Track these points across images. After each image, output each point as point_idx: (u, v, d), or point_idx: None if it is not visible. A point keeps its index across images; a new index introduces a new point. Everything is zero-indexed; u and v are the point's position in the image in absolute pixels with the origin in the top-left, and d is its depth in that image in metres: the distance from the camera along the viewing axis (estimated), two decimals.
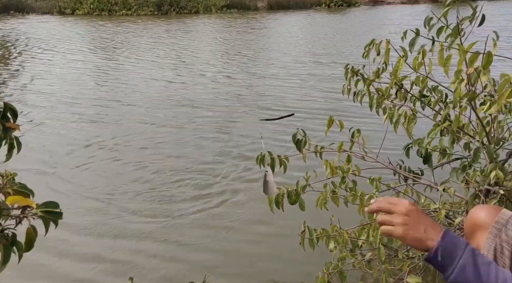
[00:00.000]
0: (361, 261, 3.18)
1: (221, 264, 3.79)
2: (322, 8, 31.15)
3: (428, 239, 1.50)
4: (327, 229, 3.10)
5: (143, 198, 4.96)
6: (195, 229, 4.32)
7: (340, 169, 3.17)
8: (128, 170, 5.77)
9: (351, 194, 3.11)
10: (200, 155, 6.15)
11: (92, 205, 4.75)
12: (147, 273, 3.64)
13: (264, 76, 11.06)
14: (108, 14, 28.17)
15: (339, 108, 7.98)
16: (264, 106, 8.45)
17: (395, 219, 1.54)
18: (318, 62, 12.54)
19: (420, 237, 1.51)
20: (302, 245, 3.08)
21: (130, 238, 4.22)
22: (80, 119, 7.93)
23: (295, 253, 3.57)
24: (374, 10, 29.17)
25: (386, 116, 3.11)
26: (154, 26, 22.22)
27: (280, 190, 3.18)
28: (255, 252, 3.96)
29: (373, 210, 1.61)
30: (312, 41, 16.69)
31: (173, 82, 10.58)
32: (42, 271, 3.72)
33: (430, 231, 1.51)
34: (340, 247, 3.07)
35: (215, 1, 30.11)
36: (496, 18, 20.01)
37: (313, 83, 10.15)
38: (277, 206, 3.14)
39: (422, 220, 1.54)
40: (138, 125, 7.53)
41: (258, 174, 5.23)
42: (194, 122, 7.64)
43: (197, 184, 5.28)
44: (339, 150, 3.23)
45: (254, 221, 4.41)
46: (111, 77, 11.32)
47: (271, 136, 6.69)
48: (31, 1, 30.56)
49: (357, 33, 18.47)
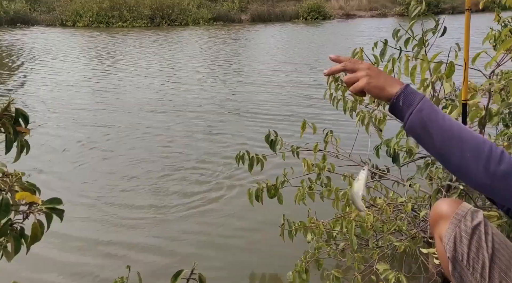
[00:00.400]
0: (335, 250, 3.20)
1: (207, 257, 3.78)
2: (299, 21, 31.25)
3: (390, 85, 1.49)
4: (305, 222, 3.12)
5: (135, 195, 4.93)
6: (184, 224, 4.30)
7: (316, 166, 3.20)
8: (119, 168, 5.72)
9: (326, 189, 3.15)
10: (188, 155, 6.13)
11: (85, 200, 4.70)
12: (139, 264, 3.63)
13: (246, 82, 11.03)
14: (105, 26, 28.16)
15: (314, 112, 8.01)
16: (246, 110, 8.44)
17: (359, 73, 1.52)
18: (294, 70, 12.54)
19: (382, 84, 1.50)
20: (282, 236, 3.11)
21: (122, 232, 4.20)
22: (75, 122, 7.84)
23: (276, 244, 3.59)
24: (346, 23, 29.31)
25: (358, 119, 3.15)
26: (146, 37, 22.08)
27: (259, 184, 3.20)
28: (238, 244, 3.95)
29: (338, 70, 1.58)
30: (290, 50, 16.70)
31: (162, 89, 10.50)
32: (41, 263, 3.68)
33: (391, 80, 1.51)
34: (317, 238, 3.10)
35: (203, 14, 30.21)
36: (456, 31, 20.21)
37: (290, 89, 10.14)
38: (257, 199, 3.17)
39: (382, 73, 1.54)
40: (130, 127, 7.47)
41: (241, 173, 5.25)
42: (182, 123, 7.62)
43: (186, 182, 5.25)
44: (315, 150, 3.26)
45: (238, 215, 4.40)
46: (105, 83, 11.18)
47: (253, 136, 6.72)
48: (36, 14, 30.59)
49: (331, 44, 18.55)
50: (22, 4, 30.31)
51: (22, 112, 1.45)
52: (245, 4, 33.15)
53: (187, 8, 30.24)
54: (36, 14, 30.52)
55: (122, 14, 28.81)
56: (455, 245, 1.79)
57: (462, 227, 1.79)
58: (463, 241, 1.78)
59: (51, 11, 30.67)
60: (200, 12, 30.44)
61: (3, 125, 1.42)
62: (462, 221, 1.80)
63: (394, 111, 1.50)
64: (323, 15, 32.22)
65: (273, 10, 32.38)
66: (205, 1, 32.35)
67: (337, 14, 33.57)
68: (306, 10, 32.15)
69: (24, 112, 1.46)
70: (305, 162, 3.19)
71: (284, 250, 3.57)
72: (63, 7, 29.82)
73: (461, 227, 1.79)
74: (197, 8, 30.90)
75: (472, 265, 1.77)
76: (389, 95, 1.48)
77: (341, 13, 33.92)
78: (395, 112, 1.49)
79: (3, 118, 1.42)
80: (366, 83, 1.50)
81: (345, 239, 3.17)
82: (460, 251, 1.78)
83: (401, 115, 1.47)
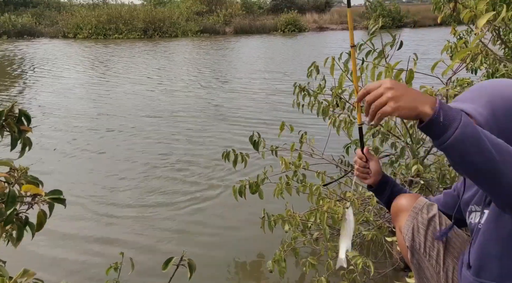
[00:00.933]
0: (310, 239, 3.19)
1: (194, 247, 3.74)
2: (277, 33, 31.36)
3: (421, 103, 1.22)
4: (283, 214, 3.09)
5: (121, 194, 4.82)
6: (169, 222, 4.22)
7: (293, 164, 3.18)
8: (107, 168, 5.59)
9: (301, 184, 3.13)
10: (174, 156, 6.03)
11: (73, 199, 4.62)
12: (132, 255, 3.57)
13: (227, 89, 10.93)
14: (103, 38, 28.16)
15: (291, 116, 7.96)
16: (228, 114, 8.33)
17: (384, 96, 1.25)
18: (271, 77, 12.51)
19: (414, 104, 1.22)
20: (263, 228, 3.08)
21: (109, 230, 4.09)
22: (69, 124, 7.70)
23: (256, 235, 3.56)
24: (319, 35, 29.44)
25: (330, 122, 3.14)
26: (137, 47, 21.98)
27: (242, 182, 3.18)
28: (220, 237, 3.89)
29: (361, 97, 1.32)
30: (268, 59, 16.69)
31: (151, 94, 10.36)
32: (36, 257, 3.57)
33: (420, 96, 1.24)
34: (293, 228, 3.08)
35: (191, 27, 30.32)
36: (414, 42, 20.40)
37: (266, 96, 10.01)
38: (240, 195, 3.14)
39: (409, 88, 1.26)
40: (119, 130, 7.33)
41: (225, 173, 5.20)
42: (168, 127, 7.50)
43: (171, 182, 5.15)
44: (292, 149, 3.24)
45: (220, 212, 4.30)
46: (97, 90, 10.98)
47: (236, 139, 6.67)
48: (41, 27, 30.61)
49: (304, 53, 18.58)
50: (28, 18, 30.25)
51: (24, 112, 1.46)
52: (229, 18, 33.17)
53: (177, 22, 30.30)
54: (41, 27, 30.58)
55: (118, 27, 28.87)
56: (413, 235, 1.80)
57: (419, 219, 1.81)
58: (420, 232, 1.80)
59: (54, 25, 30.54)
60: (188, 25, 30.51)
61: (8, 125, 1.44)
62: (419, 213, 1.81)
63: (430, 128, 1.22)
64: (299, 28, 32.40)
65: (254, 23, 32.45)
66: (193, 15, 32.40)
67: (311, 27, 33.74)
68: (284, 23, 32.30)
69: (26, 113, 1.47)
70: (283, 160, 3.17)
71: (264, 242, 3.54)
72: (65, 20, 29.78)
73: (418, 219, 1.81)
74: (186, 22, 30.96)
75: (428, 253, 1.79)
76: (424, 114, 1.22)
77: (315, 26, 34.10)
78: (432, 129, 1.22)
79: (8, 118, 1.44)
80: (394, 108, 1.23)
81: (319, 229, 3.15)
82: (417, 241, 1.80)
83: (440, 132, 1.21)
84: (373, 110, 1.27)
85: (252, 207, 3.92)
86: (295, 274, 3.19)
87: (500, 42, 3.40)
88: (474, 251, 1.58)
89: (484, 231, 1.53)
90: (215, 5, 34.21)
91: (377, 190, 1.98)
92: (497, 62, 3.39)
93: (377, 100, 1.26)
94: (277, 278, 3.06)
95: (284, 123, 3.32)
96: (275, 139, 3.50)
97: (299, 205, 3.26)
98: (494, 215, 1.49)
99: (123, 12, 29.54)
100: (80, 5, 35.23)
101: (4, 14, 29.27)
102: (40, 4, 34.82)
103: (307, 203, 3.18)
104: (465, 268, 1.62)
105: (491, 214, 1.51)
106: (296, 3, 38.43)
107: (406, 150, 3.01)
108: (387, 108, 1.24)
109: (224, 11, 33.23)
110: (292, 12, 33.65)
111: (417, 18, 34.30)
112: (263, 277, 3.22)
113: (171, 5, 36.52)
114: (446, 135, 1.20)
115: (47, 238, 3.80)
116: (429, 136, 1.26)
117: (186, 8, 33.54)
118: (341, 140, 3.50)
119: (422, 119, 1.23)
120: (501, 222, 1.46)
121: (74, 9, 33.32)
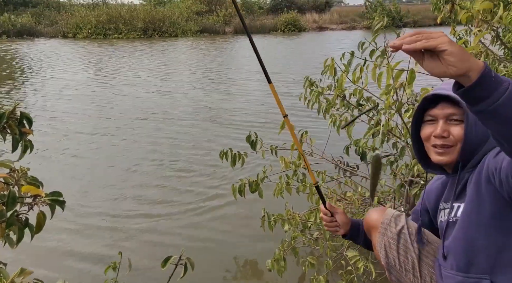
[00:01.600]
0: (310, 239, 3.19)
1: (196, 246, 3.74)
2: (278, 33, 31.33)
3: (472, 57, 1.08)
4: (282, 214, 3.10)
5: (126, 193, 4.87)
6: (171, 221, 4.26)
7: (293, 164, 3.18)
8: (110, 168, 5.66)
9: (301, 184, 3.13)
10: (178, 156, 6.07)
11: (70, 196, 4.67)
12: (132, 255, 3.58)
13: (225, 90, 10.94)
14: (103, 38, 28.02)
15: (290, 113, 7.93)
16: (225, 115, 8.38)
17: (434, 34, 1.07)
18: (275, 79, 12.46)
19: (466, 54, 1.07)
20: (263, 227, 3.08)
21: (108, 231, 4.13)
22: (53, 128, 7.65)
23: (256, 234, 3.57)
24: (320, 35, 29.45)
25: (331, 121, 3.14)
26: (137, 47, 22.01)
27: (242, 180, 3.17)
28: (223, 235, 3.91)
29: (412, 34, 1.10)
30: (268, 59, 16.68)
31: (145, 95, 10.35)
32: (36, 256, 3.59)
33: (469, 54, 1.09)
34: (293, 228, 3.08)
35: (190, 27, 30.25)
36: None
37: (264, 97, 9.97)
38: (240, 194, 3.14)
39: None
40: (112, 132, 7.32)
41: (226, 172, 5.20)
42: (163, 129, 7.50)
43: (175, 181, 5.20)
44: (292, 148, 3.24)
45: (220, 213, 4.33)
46: (98, 90, 11.05)
47: (233, 139, 6.68)
48: (40, 27, 30.49)
49: (306, 53, 18.58)
50: (28, 18, 30.15)
51: (26, 115, 1.46)
52: (228, 17, 33.14)
53: (177, 21, 30.25)
54: (41, 27, 30.48)
55: (118, 26, 28.78)
56: (386, 252, 1.76)
57: (389, 234, 1.76)
58: (392, 247, 1.76)
59: (54, 24, 30.47)
60: (188, 25, 30.46)
61: (10, 127, 1.43)
62: (387, 228, 1.77)
63: (482, 83, 1.08)
64: (298, 28, 32.38)
65: (254, 23, 32.42)
66: (192, 15, 32.35)
67: (311, 27, 33.71)
68: (284, 23, 32.27)
69: (28, 115, 1.46)
70: (283, 159, 3.17)
71: (264, 241, 3.56)
72: (65, 20, 29.70)
73: (388, 235, 1.76)
74: (186, 21, 30.91)
75: (404, 267, 1.75)
76: (476, 62, 1.07)
77: (315, 26, 34.08)
78: (483, 85, 1.08)
79: (10, 121, 1.43)
80: (449, 40, 1.06)
81: (318, 229, 3.15)
82: (391, 257, 1.76)
83: (493, 87, 1.08)
84: (423, 36, 1.08)
85: (252, 205, 3.93)
86: (293, 273, 3.20)
87: (499, 43, 3.40)
88: (455, 246, 1.53)
89: (464, 224, 1.50)
90: (214, 5, 34.18)
91: (352, 237, 2.00)
92: (496, 62, 3.39)
93: (428, 33, 1.08)
94: (276, 277, 3.07)
95: (284, 121, 3.31)
96: (273, 141, 3.49)
97: (299, 205, 3.26)
98: (472, 205, 1.47)
99: (122, 12, 29.49)
100: (79, 5, 35.18)
101: (3, 14, 29.19)
102: (39, 4, 34.77)
103: (307, 202, 3.18)
104: (447, 269, 1.57)
105: (469, 205, 1.48)
106: (296, 3, 38.41)
107: (407, 149, 3.01)
108: (443, 40, 1.06)
109: (224, 11, 33.21)
110: (292, 12, 33.64)
111: (417, 18, 34.30)
112: (262, 276, 3.23)
113: (171, 5, 36.51)
114: (500, 90, 1.07)
115: (47, 238, 3.81)
116: (476, 97, 1.10)
117: (186, 8, 33.51)
118: (342, 139, 3.50)
119: (470, 76, 1.08)
120: (481, 211, 1.44)
121: (73, 9, 33.27)
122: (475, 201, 1.46)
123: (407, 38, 1.09)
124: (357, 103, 3.12)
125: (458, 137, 1.53)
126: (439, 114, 1.57)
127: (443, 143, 1.55)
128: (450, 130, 1.55)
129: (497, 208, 1.41)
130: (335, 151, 3.58)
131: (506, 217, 1.41)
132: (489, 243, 1.44)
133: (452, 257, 1.55)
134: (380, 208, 1.90)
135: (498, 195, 1.39)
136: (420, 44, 1.07)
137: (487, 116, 1.12)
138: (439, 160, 1.58)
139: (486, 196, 1.43)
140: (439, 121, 1.57)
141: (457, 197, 1.57)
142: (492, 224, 1.43)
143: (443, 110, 1.56)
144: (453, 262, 1.54)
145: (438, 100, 1.57)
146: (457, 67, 1.06)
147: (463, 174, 1.57)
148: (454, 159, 1.56)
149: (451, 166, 1.60)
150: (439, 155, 1.57)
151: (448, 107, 1.55)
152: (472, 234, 1.47)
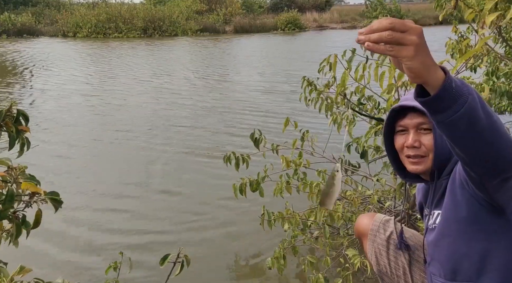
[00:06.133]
0: (310, 238, 3.18)
1: (196, 244, 3.73)
2: (278, 32, 31.32)
3: (435, 65, 1.06)
4: (282, 212, 3.09)
5: (126, 194, 4.86)
6: (170, 221, 4.25)
7: (293, 162, 3.17)
8: (110, 167, 5.65)
9: (302, 183, 3.13)
10: (177, 156, 6.04)
11: (66, 195, 4.63)
12: (132, 255, 3.56)
13: (223, 89, 10.94)
14: (103, 37, 28.01)
15: (292, 113, 7.94)
16: (227, 113, 8.37)
17: (408, 36, 1.00)
18: (272, 76, 12.50)
19: (430, 62, 1.04)
20: (262, 225, 3.07)
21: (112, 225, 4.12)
22: (64, 125, 7.68)
23: (257, 233, 3.56)
24: (320, 34, 29.42)
25: (331, 120, 3.12)
26: (137, 46, 22.03)
27: (243, 179, 3.16)
28: (223, 233, 3.89)
29: (386, 27, 1.01)
30: (269, 58, 16.69)
31: (151, 95, 10.37)
32: (36, 257, 3.55)
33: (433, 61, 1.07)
34: (293, 227, 3.07)
35: (191, 26, 30.27)
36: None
37: (267, 95, 10.02)
38: (241, 193, 3.13)
39: (428, 49, 1.06)
40: (108, 134, 7.28)
41: (226, 171, 5.18)
42: (160, 130, 7.50)
43: (174, 180, 5.19)
44: (293, 146, 3.23)
45: (222, 208, 4.34)
46: (96, 89, 11.03)
47: (235, 138, 6.67)
48: (40, 26, 30.53)
49: (306, 52, 18.53)
50: (28, 17, 30.12)
51: (22, 112, 1.45)
52: (229, 16, 33.16)
53: (177, 21, 30.26)
54: (41, 26, 30.51)
55: (118, 26, 28.80)
56: (377, 259, 1.76)
57: (378, 241, 1.76)
58: (382, 254, 1.76)
59: (54, 23, 30.48)
60: (188, 24, 30.46)
61: (6, 125, 1.43)
62: (376, 235, 1.77)
63: (442, 93, 1.07)
64: (299, 27, 32.37)
65: (254, 22, 32.42)
66: (192, 14, 32.36)
67: (311, 26, 33.70)
68: (284, 22, 32.26)
69: (24, 113, 1.45)
70: (284, 158, 3.16)
71: (264, 239, 3.55)
72: (65, 19, 29.70)
73: (377, 241, 1.76)
74: (186, 20, 30.91)
75: (395, 273, 1.75)
76: (436, 76, 1.06)
77: (315, 25, 34.07)
78: (443, 95, 1.07)
79: (6, 118, 1.43)
80: (414, 54, 1.01)
81: (319, 227, 3.15)
82: (382, 264, 1.76)
83: (451, 97, 1.07)
84: (391, 39, 1.01)
85: (253, 204, 3.92)
86: (293, 271, 3.19)
87: (501, 40, 3.39)
88: (439, 255, 1.53)
89: (444, 232, 1.50)
90: (215, 4, 34.20)
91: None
92: (497, 61, 3.38)
93: (399, 36, 1.01)
94: (276, 275, 3.06)
95: (288, 119, 3.31)
96: (273, 141, 3.48)
97: (299, 203, 3.25)
98: (450, 213, 1.47)
99: (122, 11, 29.52)
100: (79, 4, 35.22)
101: (3, 13, 29.21)
102: (39, 3, 34.78)
103: (307, 201, 3.17)
104: (436, 276, 1.57)
105: (447, 213, 1.48)
106: (296, 2, 38.43)
107: None
108: (407, 51, 1.01)
109: (224, 10, 33.23)
110: (292, 11, 33.65)
111: (417, 17, 34.27)
112: (262, 274, 3.22)
113: (171, 4, 36.48)
114: (459, 102, 1.08)
115: (47, 238, 3.79)
116: (435, 109, 1.11)
117: (186, 7, 33.51)
118: (341, 140, 3.48)
119: (429, 83, 1.07)
120: (458, 218, 1.44)
121: (73, 8, 33.29)
122: (452, 209, 1.46)
123: (374, 35, 1.02)
124: (358, 102, 3.11)
125: (429, 147, 1.53)
126: (408, 124, 1.56)
127: (415, 153, 1.55)
128: (421, 140, 1.54)
129: (473, 212, 1.41)
130: (336, 150, 3.58)
131: (484, 221, 1.41)
132: (470, 251, 1.44)
133: (438, 265, 1.55)
134: (369, 213, 1.90)
135: (472, 200, 1.40)
136: (383, 50, 1.03)
137: (445, 127, 1.14)
138: (414, 169, 1.57)
139: (462, 202, 1.43)
140: (410, 131, 1.56)
141: (435, 205, 1.57)
142: (470, 230, 1.43)
143: (412, 120, 1.55)
144: (441, 270, 1.54)
145: (406, 111, 1.56)
146: (413, 79, 1.07)
147: (440, 182, 1.56)
148: (429, 167, 1.55)
149: (428, 173, 1.59)
150: (414, 164, 1.57)
151: (416, 116, 1.54)
152: (454, 243, 1.48)
